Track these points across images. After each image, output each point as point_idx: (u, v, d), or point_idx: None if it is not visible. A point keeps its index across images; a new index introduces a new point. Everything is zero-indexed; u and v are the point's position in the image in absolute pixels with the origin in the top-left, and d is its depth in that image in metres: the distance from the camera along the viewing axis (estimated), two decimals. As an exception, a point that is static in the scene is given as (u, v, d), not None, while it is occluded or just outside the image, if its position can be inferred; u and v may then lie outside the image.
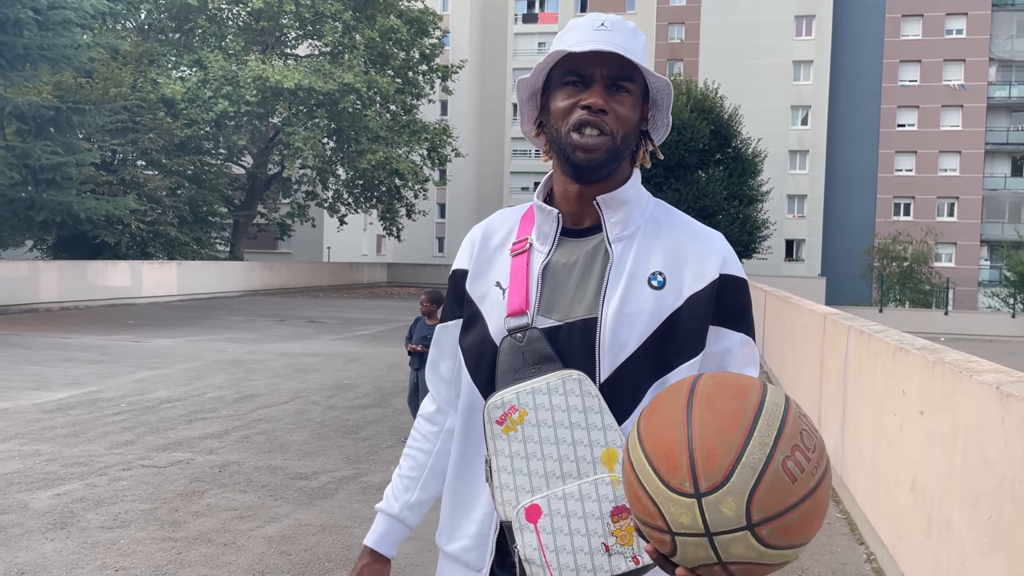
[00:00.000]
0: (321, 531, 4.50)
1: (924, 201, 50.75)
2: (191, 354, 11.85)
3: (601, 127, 1.24)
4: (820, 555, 4.44)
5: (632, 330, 1.23)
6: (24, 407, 7.67)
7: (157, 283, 23.97)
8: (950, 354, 3.69)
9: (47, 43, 18.33)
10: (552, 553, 1.19)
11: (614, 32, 1.26)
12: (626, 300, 1.25)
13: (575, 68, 1.26)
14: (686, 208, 34.88)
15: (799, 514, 0.95)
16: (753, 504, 0.93)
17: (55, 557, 4.00)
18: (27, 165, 18.99)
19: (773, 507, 0.94)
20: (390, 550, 1.44)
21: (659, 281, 1.26)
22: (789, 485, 0.94)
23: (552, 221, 1.31)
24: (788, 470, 0.95)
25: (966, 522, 2.98)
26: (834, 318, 6.40)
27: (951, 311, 29.30)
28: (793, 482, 0.95)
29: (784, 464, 0.95)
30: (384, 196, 33.64)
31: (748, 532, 0.94)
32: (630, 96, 1.27)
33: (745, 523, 0.93)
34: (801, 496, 0.95)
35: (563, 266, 1.30)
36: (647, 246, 1.29)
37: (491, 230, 1.41)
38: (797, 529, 0.95)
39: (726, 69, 49.75)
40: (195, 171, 28.24)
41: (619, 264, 1.27)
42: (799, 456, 0.96)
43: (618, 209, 1.29)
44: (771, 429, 0.97)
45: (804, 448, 0.97)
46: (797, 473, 0.95)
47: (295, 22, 30.11)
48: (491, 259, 1.37)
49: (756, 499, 0.93)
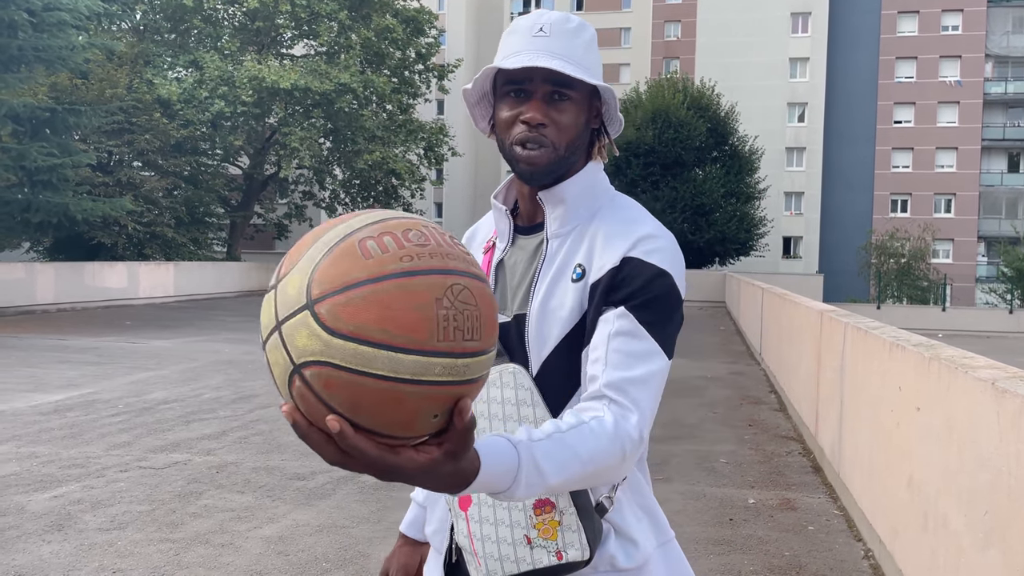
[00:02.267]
0: (319, 531, 4.50)
1: (921, 197, 50.83)
2: (188, 355, 11.84)
3: (541, 141, 1.23)
4: (818, 552, 4.45)
5: (553, 325, 1.24)
6: (21, 409, 7.66)
7: (154, 284, 23.95)
8: (946, 350, 3.69)
9: (42, 44, 18.29)
10: (479, 542, 1.22)
11: (552, 37, 1.23)
12: (550, 295, 1.25)
13: (513, 78, 1.24)
14: (683, 206, 34.90)
15: (367, 293, 0.79)
16: (314, 278, 0.81)
17: (52, 559, 4.00)
18: (23, 167, 18.95)
19: (333, 280, 0.80)
20: (419, 534, 1.50)
21: (578, 274, 1.25)
22: (359, 260, 0.81)
23: (505, 219, 1.34)
24: (364, 247, 0.82)
25: (962, 518, 2.99)
26: (830, 315, 6.40)
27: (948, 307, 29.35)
28: (365, 259, 0.81)
29: (362, 242, 0.83)
30: (381, 196, 33.65)
31: (308, 311, 0.80)
32: (572, 103, 1.24)
33: (304, 302, 0.80)
34: (372, 275, 0.80)
35: (512, 264, 1.33)
36: (579, 240, 1.27)
37: (478, 228, 1.47)
38: (364, 313, 0.79)
39: (722, 67, 49.79)
40: (191, 172, 28.21)
41: (551, 260, 1.28)
42: (387, 239, 0.83)
43: (557, 205, 1.29)
44: (369, 218, 0.86)
45: (402, 238, 0.84)
46: (376, 252, 0.82)
47: (291, 22, 30.09)
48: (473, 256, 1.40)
49: (318, 273, 0.81)
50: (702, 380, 10.59)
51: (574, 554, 1.18)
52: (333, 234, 0.84)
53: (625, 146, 35.36)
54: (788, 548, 4.49)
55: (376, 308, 0.79)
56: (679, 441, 7.03)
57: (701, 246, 35.45)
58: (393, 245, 0.83)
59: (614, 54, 57.80)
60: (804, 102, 50.59)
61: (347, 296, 0.80)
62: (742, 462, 6.37)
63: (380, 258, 0.81)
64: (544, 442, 1.00)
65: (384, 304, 0.80)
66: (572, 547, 1.18)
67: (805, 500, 5.42)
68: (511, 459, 0.95)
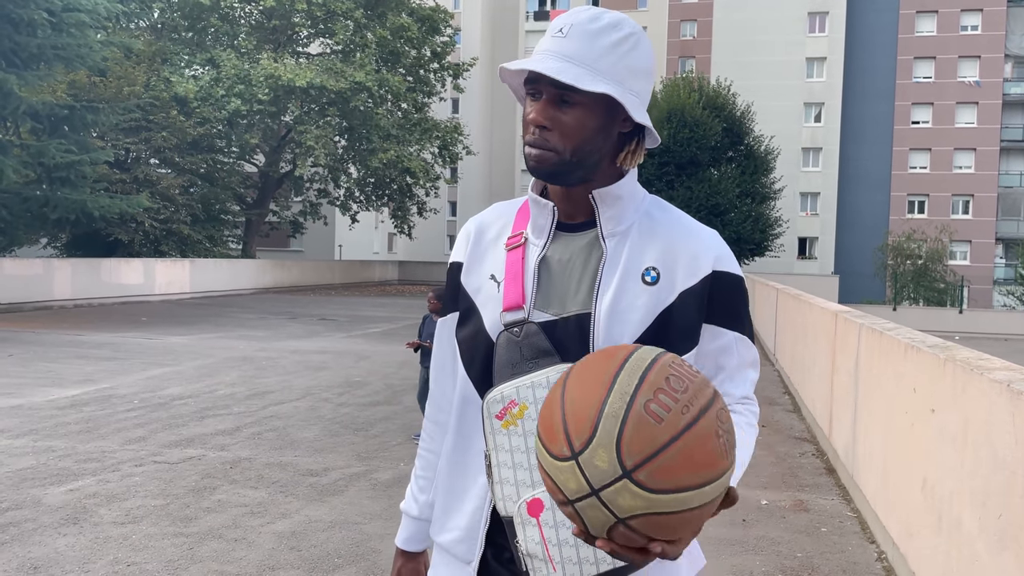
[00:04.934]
0: (331, 527, 4.52)
1: (938, 199, 50.41)
2: (203, 351, 11.92)
3: (543, 144, 1.23)
4: (831, 554, 4.43)
5: (625, 326, 1.24)
6: (38, 403, 7.74)
7: (170, 281, 24.10)
8: (961, 352, 3.67)
9: (61, 43, 18.45)
10: (555, 547, 1.18)
11: (569, 38, 1.22)
12: (620, 296, 1.25)
13: (530, 78, 1.25)
14: (698, 206, 34.77)
15: (676, 452, 0.94)
16: (623, 450, 0.94)
17: (68, 552, 4.03)
18: (41, 163, 19.13)
19: (643, 450, 0.94)
20: (419, 547, 1.50)
21: (652, 277, 1.26)
22: (655, 426, 0.94)
23: (548, 215, 1.31)
24: (652, 412, 0.95)
25: (976, 520, 2.97)
26: (845, 316, 6.37)
27: (965, 309, 29.10)
28: (659, 422, 0.95)
29: (647, 407, 0.96)
30: (395, 194, 33.70)
31: (627, 480, 0.94)
32: (579, 107, 1.22)
33: (621, 472, 0.94)
34: (672, 435, 0.94)
35: (558, 261, 1.30)
36: (641, 242, 1.28)
37: (486, 223, 1.41)
38: (679, 468, 0.94)
39: (738, 66, 49.55)
40: (208, 169, 28.37)
41: (613, 259, 1.27)
42: (663, 398, 0.97)
43: (612, 205, 1.29)
44: (632, 378, 0.98)
45: (670, 390, 0.97)
46: (662, 414, 0.95)
47: (307, 21, 30.19)
48: (486, 252, 1.37)
49: (624, 445, 0.94)
50: (715, 380, 10.55)
51: None
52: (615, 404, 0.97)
53: (639, 145, 35.21)
54: (801, 549, 4.47)
55: (684, 462, 0.95)
56: (692, 441, 7.00)
57: (716, 246, 35.25)
58: (670, 401, 0.97)
59: (629, 53, 57.61)
60: (821, 102, 50.29)
61: (658, 461, 0.94)
62: (755, 463, 6.34)
63: (669, 419, 0.96)
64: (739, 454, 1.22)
65: (687, 457, 0.95)
66: None
67: (818, 501, 5.40)
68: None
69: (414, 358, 11.15)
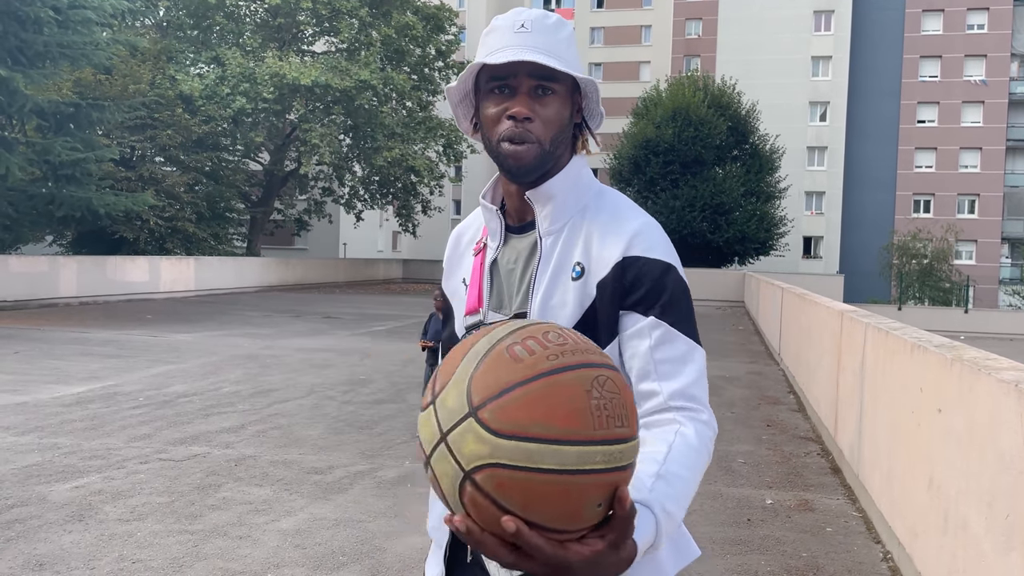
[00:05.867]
0: (336, 525, 4.53)
1: (944, 198, 50.29)
2: (208, 349, 11.94)
3: (527, 137, 1.23)
4: (836, 553, 4.42)
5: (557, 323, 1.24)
6: (43, 400, 7.76)
7: (175, 278, 24.15)
8: (968, 352, 3.65)
9: (67, 40, 18.49)
10: None
11: (534, 32, 1.24)
12: (550, 293, 1.27)
13: (497, 74, 1.24)
14: (703, 204, 34.74)
15: (524, 393, 0.85)
16: (472, 387, 0.87)
17: (73, 549, 4.04)
18: (47, 161, 19.18)
19: (491, 386, 0.86)
20: None
21: (578, 272, 1.27)
22: (511, 364, 0.87)
23: (496, 218, 1.35)
24: (513, 352, 0.89)
25: (983, 520, 2.96)
26: (851, 315, 6.35)
27: (971, 309, 29.03)
28: (517, 362, 0.88)
29: (509, 348, 0.89)
30: (400, 192, 33.72)
31: (472, 418, 0.86)
32: (556, 97, 1.25)
33: (467, 409, 0.86)
34: (526, 376, 0.86)
35: (506, 262, 1.34)
36: (572, 238, 1.29)
37: (463, 229, 1.47)
38: (526, 411, 0.84)
39: (743, 65, 49.48)
40: (213, 167, 28.42)
41: (547, 258, 1.29)
42: (531, 343, 0.90)
43: (546, 203, 1.30)
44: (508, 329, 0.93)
45: (543, 340, 0.90)
46: (523, 355, 0.88)
47: (312, 19, 30.21)
48: (461, 257, 1.44)
49: (475, 382, 0.87)
50: (720, 380, 10.54)
51: None
52: (479, 346, 0.91)
53: (645, 144, 35.26)
54: (806, 549, 4.46)
55: (535, 406, 0.85)
56: (696, 440, 6.99)
57: (720, 245, 35.28)
58: (538, 347, 0.89)
59: (634, 51, 57.64)
60: (826, 101, 50.19)
61: (506, 398, 0.85)
62: (760, 462, 6.33)
63: (529, 360, 0.88)
64: (659, 484, 1.05)
65: (541, 401, 0.85)
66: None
67: (823, 501, 5.39)
68: (650, 522, 1.00)
69: (419, 356, 11.16)
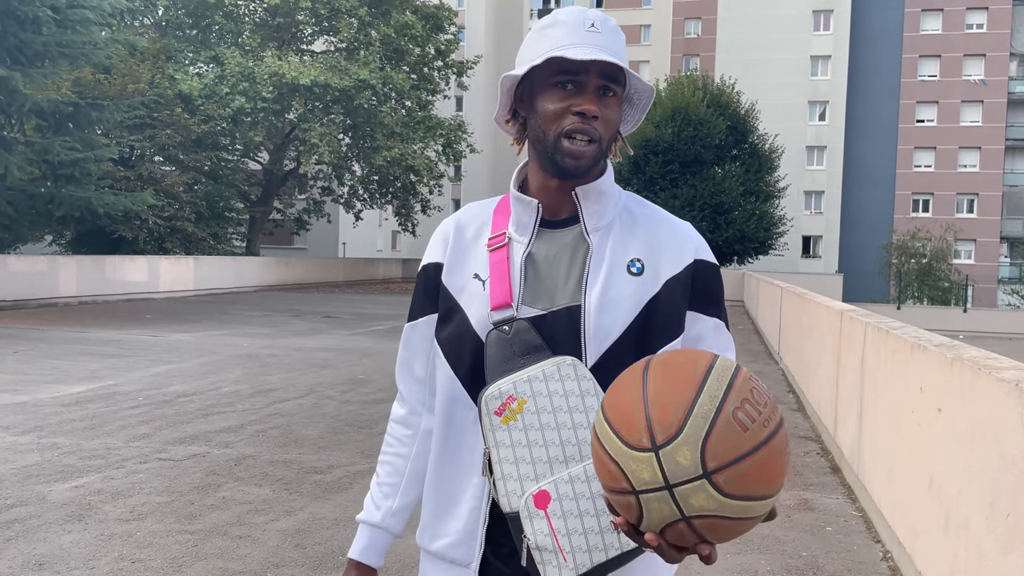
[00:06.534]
0: (336, 525, 4.52)
1: (943, 197, 50.31)
2: (207, 349, 11.93)
3: (591, 134, 1.25)
4: (836, 553, 4.42)
5: (616, 316, 1.27)
6: (43, 400, 7.75)
7: (174, 278, 24.14)
8: (968, 351, 3.65)
9: (66, 40, 18.47)
10: (564, 537, 1.20)
11: (604, 34, 1.26)
12: (608, 287, 1.28)
13: (568, 69, 1.24)
14: (702, 204, 34.74)
15: (753, 463, 0.97)
16: (707, 452, 0.96)
17: (73, 549, 4.04)
18: (46, 161, 19.16)
19: (727, 454, 0.96)
20: (377, 560, 1.43)
21: (638, 268, 1.31)
22: (741, 434, 0.97)
23: (532, 212, 1.33)
24: (739, 420, 0.98)
25: (984, 520, 2.96)
26: (851, 315, 6.35)
27: (970, 308, 29.04)
28: (744, 431, 0.98)
29: (735, 414, 0.99)
30: (399, 192, 33.70)
31: (705, 480, 0.96)
32: (616, 99, 1.28)
33: (702, 471, 0.96)
34: (754, 445, 0.98)
35: (544, 257, 1.32)
36: (624, 235, 1.33)
37: (464, 223, 1.41)
38: (753, 478, 0.97)
39: (743, 64, 49.48)
40: (212, 167, 28.41)
41: (599, 253, 1.31)
42: (749, 408, 1.00)
43: (596, 201, 1.32)
44: (720, 384, 1.01)
45: (754, 402, 1.01)
46: (748, 423, 0.98)
47: (311, 18, 30.20)
48: (467, 251, 1.38)
49: (710, 447, 0.97)
50: (720, 379, 10.54)
51: None
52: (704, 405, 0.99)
53: (644, 144, 35.25)
54: (806, 549, 4.46)
55: (762, 472, 0.98)
56: (696, 440, 6.99)
57: (720, 244, 35.27)
58: (755, 412, 1.00)
59: (633, 51, 57.62)
60: (825, 100, 50.20)
61: (739, 467, 0.97)
62: (760, 462, 6.33)
63: (753, 429, 0.99)
64: None
65: (763, 468, 0.98)
66: None
67: (823, 501, 5.39)
68: None
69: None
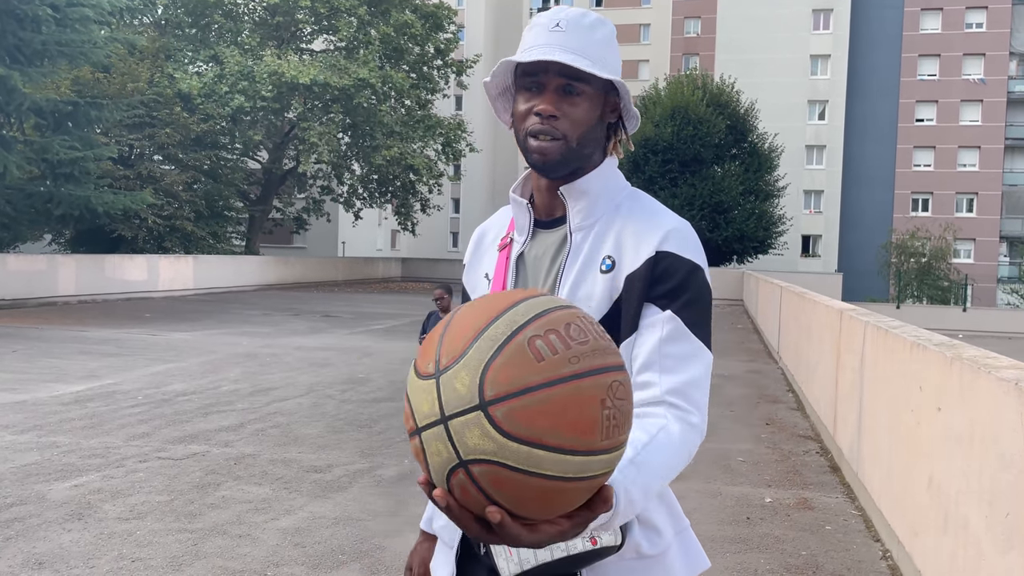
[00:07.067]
0: (335, 524, 4.52)
1: (942, 197, 50.31)
2: (207, 347, 11.93)
3: (552, 133, 1.26)
4: (835, 552, 4.42)
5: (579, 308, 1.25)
6: (42, 399, 7.75)
7: (173, 277, 24.13)
8: (968, 350, 3.66)
9: (65, 39, 18.47)
10: None
11: (568, 32, 1.26)
12: (577, 285, 1.28)
13: (528, 71, 1.28)
14: (701, 203, 34.74)
15: (544, 399, 0.81)
16: (487, 378, 0.82)
17: (72, 548, 4.04)
18: (45, 160, 19.16)
19: (509, 383, 0.82)
20: None
21: (608, 265, 1.28)
22: (533, 363, 0.82)
23: (525, 213, 1.37)
24: (536, 348, 0.83)
25: (983, 519, 2.96)
26: (850, 314, 6.36)
27: (969, 308, 29.05)
28: (539, 361, 0.82)
29: (532, 341, 0.84)
30: (399, 191, 33.70)
31: (481, 412, 0.81)
32: (584, 97, 1.27)
33: (477, 401, 0.81)
34: (549, 379, 0.82)
35: (533, 257, 1.35)
36: (603, 233, 1.31)
37: (488, 227, 1.49)
38: (540, 417, 0.81)
39: (742, 63, 49.46)
40: (211, 166, 28.39)
41: (576, 252, 1.31)
42: (554, 339, 0.84)
43: (579, 199, 1.32)
44: (528, 312, 0.87)
45: (566, 336, 0.85)
46: (547, 354, 0.83)
47: (310, 17, 30.17)
48: (484, 253, 1.45)
49: (491, 373, 0.82)
50: (719, 378, 10.55)
51: (608, 539, 1.19)
52: (499, 329, 0.85)
53: (643, 143, 35.23)
54: (805, 547, 4.47)
55: (552, 413, 0.81)
56: (696, 439, 6.99)
57: (719, 244, 35.27)
58: (560, 345, 0.84)
59: (633, 50, 57.61)
60: (825, 99, 50.19)
61: (523, 401, 0.81)
62: (759, 461, 6.34)
63: (551, 360, 0.83)
64: (630, 469, 1.06)
65: (559, 409, 0.82)
66: (605, 532, 1.19)
67: (823, 500, 5.39)
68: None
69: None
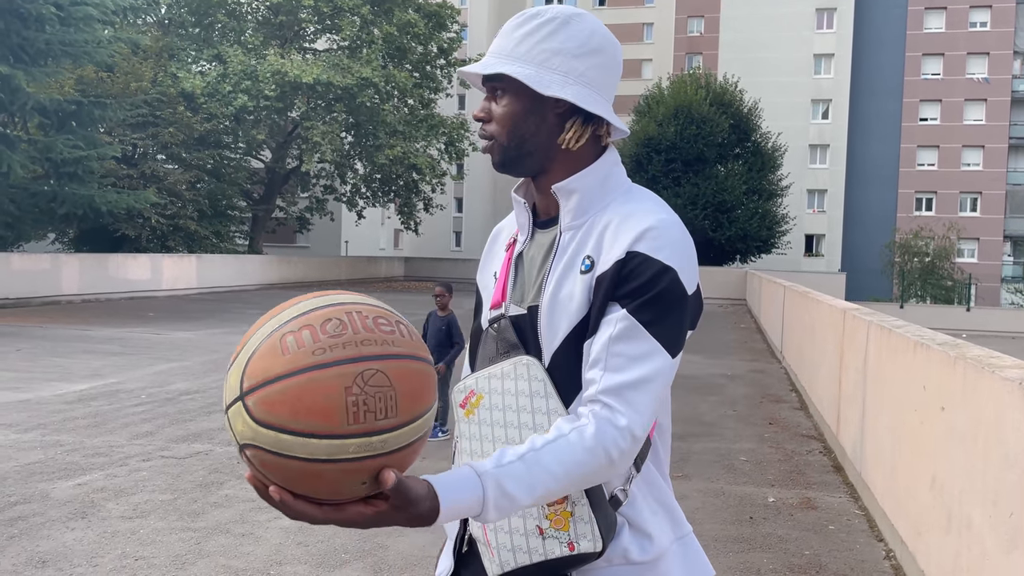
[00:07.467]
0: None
1: (946, 196, 50.23)
2: (210, 347, 11.94)
3: (484, 134, 1.30)
4: (838, 552, 4.42)
5: (563, 316, 1.23)
6: (46, 398, 7.76)
7: (177, 276, 24.16)
8: (971, 350, 3.65)
9: (68, 38, 18.50)
10: (492, 532, 1.24)
11: (500, 36, 1.31)
12: (559, 287, 1.26)
13: (474, 81, 1.35)
14: (705, 203, 34.71)
15: (281, 388, 0.91)
16: (246, 372, 0.94)
17: (76, 546, 4.05)
18: (49, 159, 19.19)
19: (258, 375, 0.92)
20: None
21: (587, 265, 1.23)
22: (278, 356, 0.93)
23: (524, 213, 1.36)
24: (284, 343, 0.93)
25: (986, 519, 2.95)
26: (854, 313, 6.35)
27: (973, 307, 29.00)
28: (283, 354, 0.93)
29: (283, 338, 0.94)
30: (402, 190, 33.70)
31: (240, 402, 0.93)
32: (506, 95, 1.28)
33: (239, 393, 0.94)
34: (288, 370, 0.92)
35: (529, 257, 1.35)
36: (589, 232, 1.26)
37: (503, 226, 1.49)
38: (280, 405, 0.91)
39: (746, 63, 49.41)
40: (214, 165, 28.41)
41: (562, 252, 1.28)
42: (306, 334, 0.94)
43: (569, 197, 1.28)
44: (297, 311, 0.97)
45: (320, 331, 0.94)
46: (293, 348, 0.93)
47: (313, 16, 30.18)
48: (495, 253, 1.45)
49: (249, 366, 0.94)
50: (722, 378, 10.54)
51: (586, 545, 1.18)
52: (267, 327, 0.96)
53: (646, 142, 35.22)
54: (808, 547, 4.46)
55: (290, 401, 0.91)
56: (698, 439, 7.00)
57: (722, 243, 35.24)
58: (309, 339, 0.93)
59: (636, 49, 57.58)
60: (828, 99, 50.12)
61: (266, 391, 0.92)
62: (762, 460, 6.33)
63: (295, 354, 0.92)
64: (515, 464, 1.07)
65: (296, 397, 0.90)
66: (584, 538, 1.18)
67: (826, 499, 5.38)
68: (475, 491, 1.04)
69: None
